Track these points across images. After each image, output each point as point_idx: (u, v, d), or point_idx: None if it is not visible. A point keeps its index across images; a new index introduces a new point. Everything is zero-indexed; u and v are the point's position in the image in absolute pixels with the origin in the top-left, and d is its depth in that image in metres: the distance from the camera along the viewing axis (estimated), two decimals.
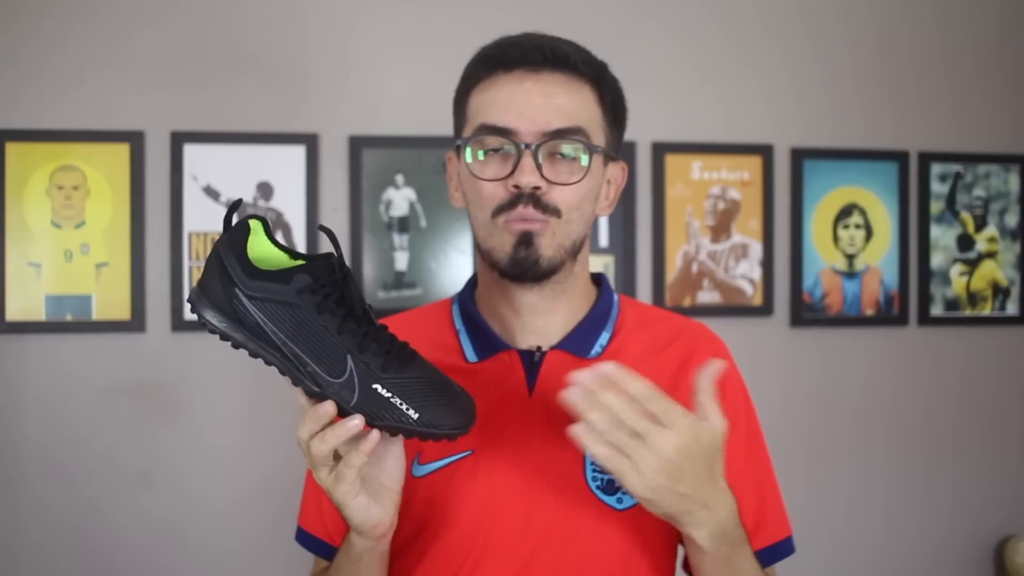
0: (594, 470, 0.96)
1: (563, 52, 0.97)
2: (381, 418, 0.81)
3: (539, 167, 0.93)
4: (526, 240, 0.95)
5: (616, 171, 1.05)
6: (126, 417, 2.08)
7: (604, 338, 1.03)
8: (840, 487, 2.34)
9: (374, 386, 0.81)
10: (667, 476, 0.79)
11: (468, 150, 0.97)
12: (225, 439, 2.12)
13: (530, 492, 0.96)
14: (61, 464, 2.07)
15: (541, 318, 1.02)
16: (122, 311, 2.08)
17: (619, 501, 0.96)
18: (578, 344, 1.02)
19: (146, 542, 2.08)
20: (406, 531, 0.96)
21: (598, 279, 1.09)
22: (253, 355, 0.82)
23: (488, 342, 1.02)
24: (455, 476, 0.97)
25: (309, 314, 0.80)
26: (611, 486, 0.96)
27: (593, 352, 1.02)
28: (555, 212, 0.95)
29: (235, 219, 0.83)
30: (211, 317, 0.81)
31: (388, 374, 0.81)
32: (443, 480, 0.97)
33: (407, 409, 0.81)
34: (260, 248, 0.83)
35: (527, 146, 0.93)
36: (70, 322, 2.07)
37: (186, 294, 2.09)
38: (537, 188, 0.93)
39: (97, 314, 2.07)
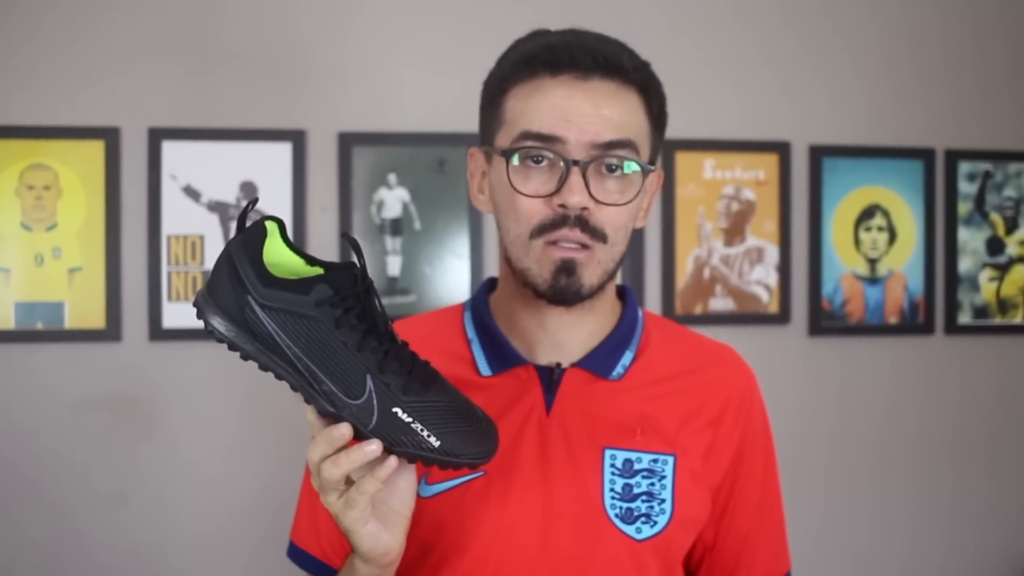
0: (613, 497, 0.97)
1: (615, 58, 0.95)
2: (400, 444, 0.81)
3: (587, 185, 0.92)
4: (568, 269, 0.94)
5: (652, 179, 1.04)
6: (101, 432, 2.09)
7: (627, 358, 1.04)
8: (862, 507, 2.34)
9: (394, 409, 0.80)
10: None
11: (512, 158, 0.94)
12: (206, 455, 2.12)
13: (545, 517, 0.96)
14: (32, 482, 2.07)
15: (565, 333, 1.03)
16: (96, 319, 2.08)
17: (638, 531, 0.97)
18: (600, 363, 1.03)
19: (122, 565, 2.08)
20: (410, 554, 0.96)
21: (622, 292, 1.10)
22: (263, 368, 0.81)
23: (504, 356, 1.03)
24: (465, 498, 0.97)
25: (327, 328, 0.79)
26: (630, 514, 0.97)
27: (615, 373, 1.03)
28: (601, 237, 0.94)
29: (249, 220, 0.82)
30: (219, 324, 0.80)
31: (409, 396, 0.81)
32: (452, 502, 0.97)
33: (428, 436, 0.81)
34: (276, 253, 0.82)
35: (575, 163, 0.92)
36: (41, 331, 2.07)
37: (164, 300, 2.09)
38: (585, 209, 0.93)
39: (70, 322, 2.08)
